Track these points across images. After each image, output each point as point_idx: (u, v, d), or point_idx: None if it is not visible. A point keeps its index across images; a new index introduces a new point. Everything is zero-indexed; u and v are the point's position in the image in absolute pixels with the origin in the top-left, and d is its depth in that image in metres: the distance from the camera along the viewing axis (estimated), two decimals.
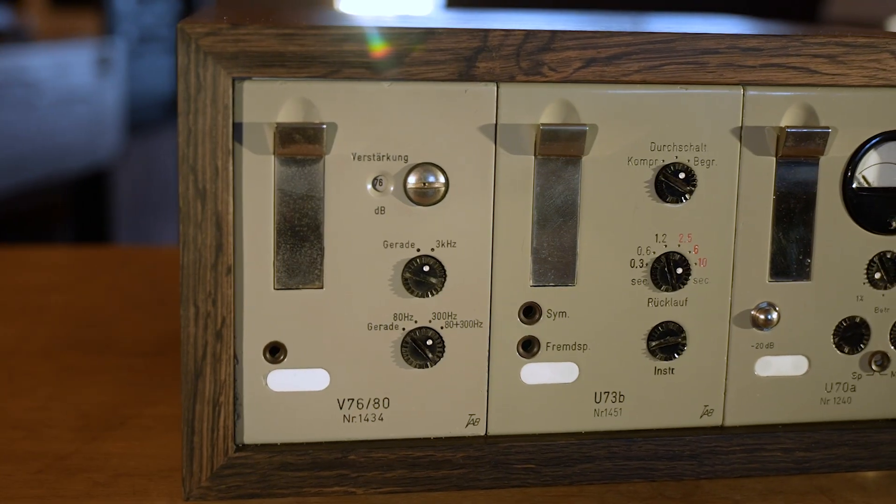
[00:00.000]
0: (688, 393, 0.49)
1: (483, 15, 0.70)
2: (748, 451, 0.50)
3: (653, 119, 0.47)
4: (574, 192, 0.47)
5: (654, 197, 0.48)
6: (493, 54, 0.45)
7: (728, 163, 0.48)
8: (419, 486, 0.48)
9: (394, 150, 0.45)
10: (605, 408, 0.49)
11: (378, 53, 0.44)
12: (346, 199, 0.46)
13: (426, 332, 0.47)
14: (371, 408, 0.47)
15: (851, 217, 0.49)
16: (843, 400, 0.51)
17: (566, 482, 0.49)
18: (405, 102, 0.45)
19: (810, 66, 0.47)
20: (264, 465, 0.46)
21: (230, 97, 0.43)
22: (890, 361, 0.51)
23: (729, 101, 0.47)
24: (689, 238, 0.48)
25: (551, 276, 0.47)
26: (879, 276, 0.50)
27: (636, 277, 0.48)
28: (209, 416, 0.45)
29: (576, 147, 0.46)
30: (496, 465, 0.48)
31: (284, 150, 0.44)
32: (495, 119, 0.46)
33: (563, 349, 0.48)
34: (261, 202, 0.45)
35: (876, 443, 0.51)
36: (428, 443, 0.48)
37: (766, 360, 0.50)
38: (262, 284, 0.46)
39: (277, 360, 0.46)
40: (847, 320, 0.50)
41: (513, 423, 0.48)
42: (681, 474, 0.49)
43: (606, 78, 0.46)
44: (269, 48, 0.43)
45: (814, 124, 0.48)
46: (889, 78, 0.48)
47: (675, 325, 0.49)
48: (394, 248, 0.46)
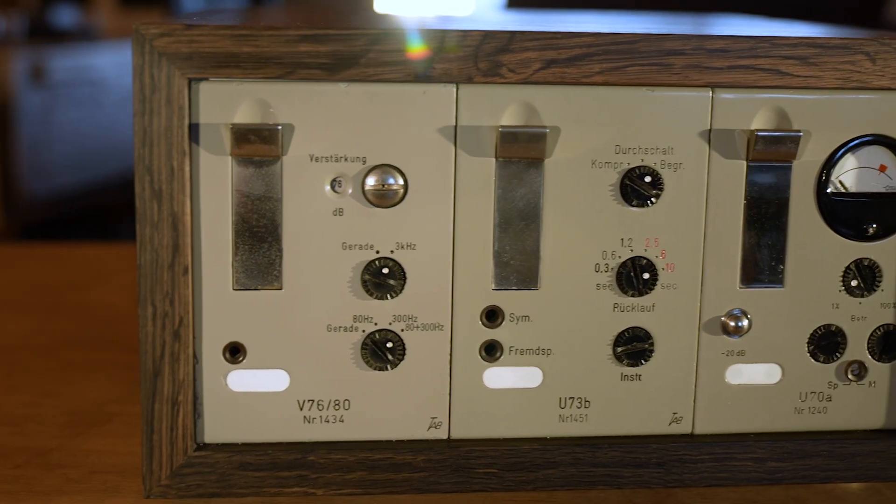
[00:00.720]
0: (655, 400, 0.49)
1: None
2: (718, 460, 0.49)
3: (617, 121, 0.46)
4: (536, 195, 0.46)
5: (619, 201, 0.47)
6: (451, 55, 0.45)
7: (696, 166, 0.47)
8: (379, 489, 0.47)
9: (352, 152, 0.45)
10: (570, 413, 0.48)
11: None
12: (304, 201, 0.46)
13: (386, 334, 0.47)
14: (331, 409, 0.47)
15: (826, 223, 0.48)
16: (818, 410, 0.50)
17: (529, 488, 0.48)
18: (363, 104, 0.45)
19: (780, 68, 0.46)
20: (224, 464, 0.47)
21: (185, 98, 0.44)
22: (867, 371, 0.50)
23: (697, 104, 0.46)
24: (656, 243, 0.47)
25: (514, 279, 0.47)
26: (856, 284, 0.49)
27: (601, 282, 0.47)
28: (168, 414, 0.46)
29: (537, 149, 0.46)
30: (458, 470, 0.48)
31: (240, 151, 0.45)
32: (455, 121, 0.46)
33: (527, 354, 0.48)
34: (218, 203, 0.45)
35: (852, 454, 0.49)
36: (388, 445, 0.48)
37: (738, 367, 0.49)
38: (221, 285, 0.46)
39: (237, 361, 0.46)
40: (822, 328, 0.49)
41: (476, 427, 0.48)
42: (647, 482, 0.49)
43: (567, 79, 0.45)
44: (223, 49, 0.44)
45: (786, 127, 0.47)
46: (864, 80, 0.47)
47: (642, 330, 0.48)
48: (353, 249, 0.46)
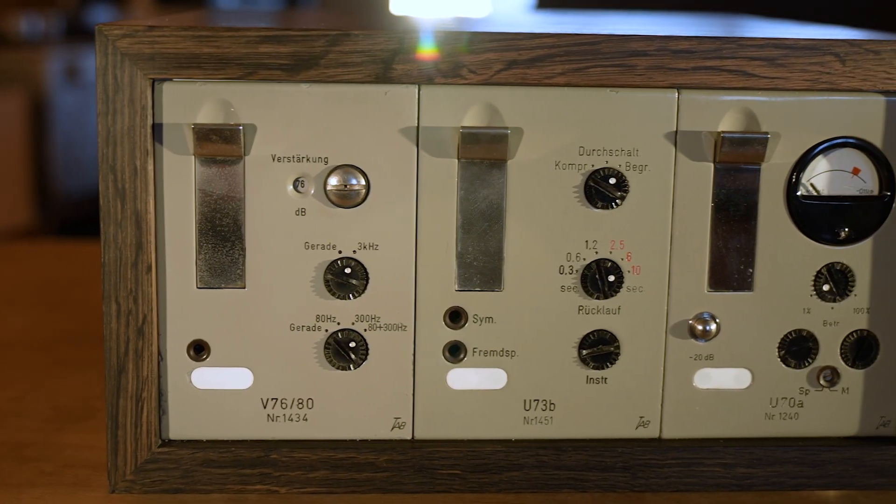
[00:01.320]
0: (622, 403, 0.48)
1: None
2: (685, 465, 0.48)
3: (581, 122, 0.46)
4: (499, 197, 0.46)
5: (583, 202, 0.47)
6: (411, 56, 0.45)
7: (662, 168, 0.47)
8: (342, 488, 0.48)
9: (313, 152, 0.46)
10: (535, 416, 0.48)
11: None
12: (266, 201, 0.46)
13: (349, 334, 0.47)
14: (295, 408, 0.48)
15: (797, 226, 0.48)
16: (790, 416, 0.49)
17: (493, 490, 0.48)
18: (324, 104, 0.45)
19: (747, 69, 0.46)
20: (187, 460, 0.47)
21: (148, 98, 0.44)
22: (840, 377, 0.49)
23: (662, 105, 0.46)
24: (622, 245, 0.47)
25: (477, 280, 0.47)
26: (828, 289, 0.48)
27: (566, 284, 0.47)
28: (132, 410, 0.46)
29: (498, 150, 0.45)
30: (421, 470, 0.48)
31: (202, 151, 0.45)
32: (417, 121, 0.46)
33: (491, 355, 0.48)
34: (182, 202, 0.46)
35: (824, 461, 0.49)
36: (351, 445, 0.48)
37: (706, 372, 0.48)
38: (185, 283, 0.46)
39: (201, 359, 0.47)
40: (793, 333, 0.48)
41: (439, 428, 0.48)
42: (613, 486, 0.48)
43: (529, 80, 0.45)
44: (184, 50, 0.44)
45: (754, 129, 0.46)
46: (834, 82, 0.46)
47: (608, 333, 0.48)
48: (315, 249, 0.46)
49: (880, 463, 0.49)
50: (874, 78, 0.46)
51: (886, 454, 0.49)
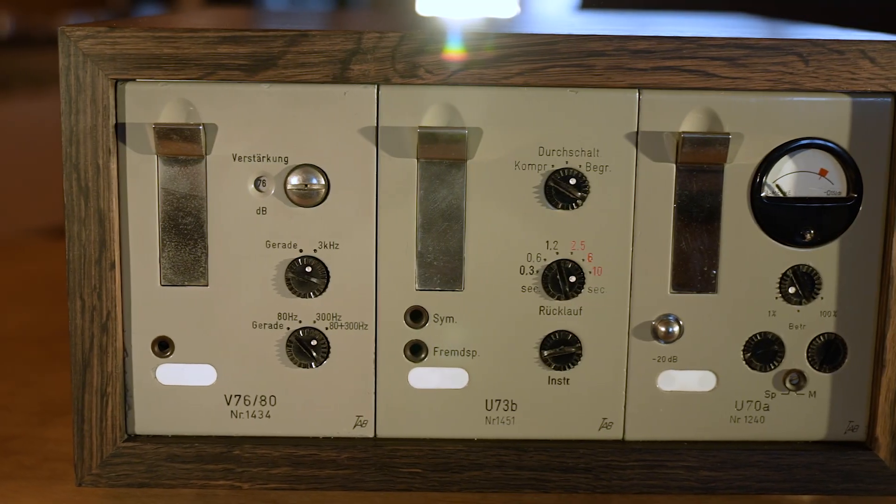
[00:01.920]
0: (584, 404, 0.48)
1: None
2: (648, 467, 0.48)
3: (541, 122, 0.46)
4: (459, 197, 0.47)
5: (543, 203, 0.47)
6: (368, 56, 0.45)
7: (623, 169, 0.46)
8: (304, 485, 0.48)
9: (274, 152, 0.46)
10: (497, 416, 0.48)
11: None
12: (228, 199, 0.46)
13: (311, 332, 0.47)
14: (258, 405, 0.48)
15: (762, 228, 0.47)
16: (756, 419, 0.49)
17: (455, 489, 0.48)
18: (284, 104, 0.46)
19: (707, 70, 0.45)
20: (152, 455, 0.48)
21: (110, 98, 0.45)
22: (807, 381, 0.48)
23: (623, 105, 0.46)
24: (583, 246, 0.47)
25: (437, 280, 0.47)
26: (794, 291, 0.48)
27: (526, 284, 0.47)
28: (97, 405, 0.47)
29: (457, 150, 0.46)
30: (382, 468, 0.48)
31: (164, 151, 0.46)
32: (376, 121, 0.46)
33: (452, 355, 0.48)
34: (145, 200, 0.46)
35: (790, 465, 0.48)
36: (313, 442, 0.48)
37: (670, 374, 0.48)
38: (149, 280, 0.47)
39: (166, 355, 0.48)
40: (758, 336, 0.48)
41: (401, 426, 0.48)
42: (575, 487, 0.48)
43: (486, 80, 0.45)
44: (145, 50, 0.45)
45: (716, 130, 0.46)
46: (797, 82, 0.46)
47: (570, 334, 0.48)
48: (276, 248, 0.47)
49: (848, 468, 0.48)
50: (838, 78, 0.46)
51: (854, 459, 0.48)
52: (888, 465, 0.48)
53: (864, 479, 0.48)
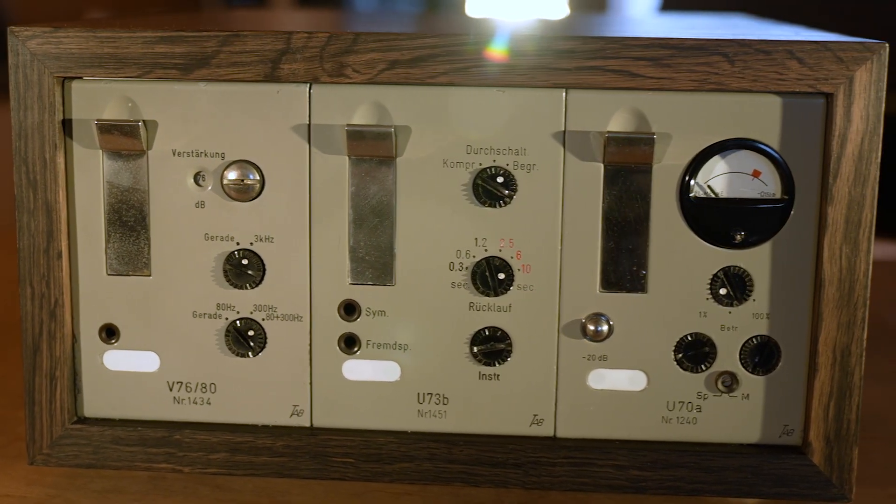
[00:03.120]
0: (515, 400, 0.49)
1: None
2: (577, 464, 0.48)
3: (468, 121, 0.47)
4: (389, 193, 0.48)
5: (472, 200, 0.47)
6: (297, 56, 0.46)
7: (551, 168, 0.47)
8: (241, 470, 0.50)
9: (211, 148, 0.48)
10: (429, 409, 0.49)
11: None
12: (168, 193, 0.48)
13: (248, 322, 0.49)
14: (199, 392, 0.50)
15: (691, 228, 0.47)
16: (688, 420, 0.49)
17: (386, 479, 0.49)
18: (220, 102, 0.47)
19: (631, 70, 0.46)
20: (98, 438, 0.50)
21: (56, 95, 0.47)
22: (739, 383, 0.48)
23: (550, 105, 0.46)
24: (511, 243, 0.48)
25: (369, 275, 0.48)
26: (725, 293, 0.47)
27: (456, 281, 0.48)
28: (47, 388, 0.49)
29: (384, 148, 0.47)
30: (316, 457, 0.49)
31: (107, 146, 0.48)
32: (308, 119, 0.47)
33: (384, 348, 0.49)
34: (91, 193, 0.48)
35: (721, 468, 0.48)
36: (249, 429, 0.50)
37: (600, 372, 0.48)
38: (96, 270, 0.49)
39: (112, 341, 0.50)
40: (690, 337, 0.48)
41: (336, 417, 0.49)
42: (504, 482, 0.49)
43: (412, 80, 0.46)
44: (87, 50, 0.47)
45: (644, 130, 0.46)
46: (722, 82, 0.45)
47: (500, 331, 0.48)
48: (214, 240, 0.48)
49: (781, 472, 0.48)
50: (765, 79, 0.45)
51: (787, 463, 0.48)
52: (822, 471, 0.48)
53: (798, 483, 0.48)
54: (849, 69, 0.45)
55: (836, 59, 0.45)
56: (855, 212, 0.46)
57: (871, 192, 0.46)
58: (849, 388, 0.47)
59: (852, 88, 0.45)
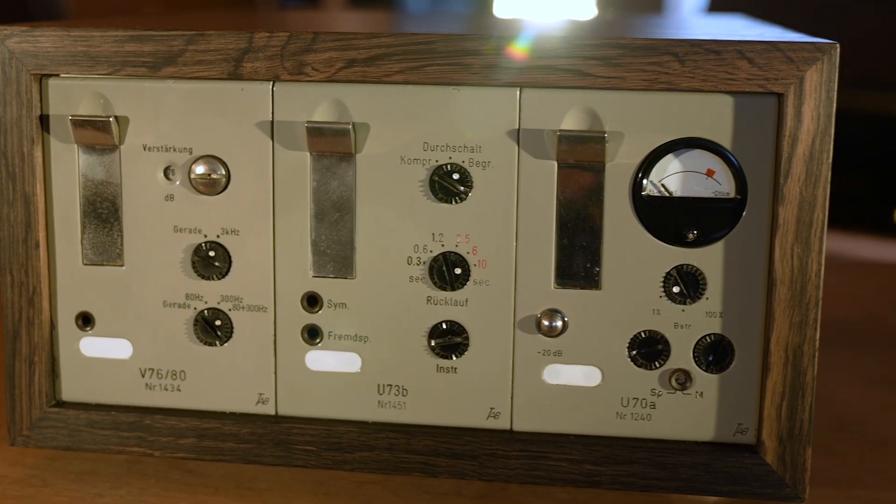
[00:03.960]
0: (472, 393, 0.50)
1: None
2: (532, 458, 0.49)
3: (425, 119, 0.48)
4: (349, 189, 0.49)
5: (429, 196, 0.48)
6: (259, 55, 0.48)
7: (506, 165, 0.48)
8: (209, 455, 0.51)
9: (179, 143, 0.49)
10: (389, 400, 0.50)
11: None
12: (139, 187, 0.50)
13: (215, 312, 0.50)
14: (169, 378, 0.52)
15: (644, 226, 0.48)
16: (642, 417, 0.49)
17: (347, 468, 0.51)
18: (187, 99, 0.49)
19: (582, 69, 0.46)
20: (74, 421, 0.52)
21: (33, 92, 0.49)
22: (693, 381, 0.48)
23: (504, 103, 0.47)
24: (467, 239, 0.48)
25: (330, 268, 0.50)
26: (678, 290, 0.48)
27: (414, 275, 0.49)
28: (26, 373, 0.52)
29: (343, 144, 0.48)
30: (279, 444, 0.51)
31: (81, 140, 0.50)
32: (271, 116, 0.49)
33: (345, 339, 0.50)
34: (67, 186, 0.50)
35: (675, 464, 0.49)
36: (217, 416, 0.51)
37: (555, 367, 0.49)
38: (72, 259, 0.51)
39: (89, 329, 0.52)
40: (644, 334, 0.48)
41: (300, 406, 0.51)
42: (462, 473, 0.50)
43: (369, 78, 0.47)
44: (62, 48, 0.49)
45: (597, 128, 0.47)
46: (673, 82, 0.46)
47: (457, 324, 0.49)
48: (183, 233, 0.50)
49: (734, 470, 0.48)
50: (715, 78, 0.46)
51: (740, 461, 0.48)
52: (775, 470, 0.48)
53: (751, 482, 0.48)
54: (799, 69, 0.45)
55: (787, 59, 0.45)
56: (806, 212, 0.46)
57: (823, 192, 0.46)
58: (801, 388, 0.47)
59: (803, 88, 0.45)
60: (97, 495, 0.51)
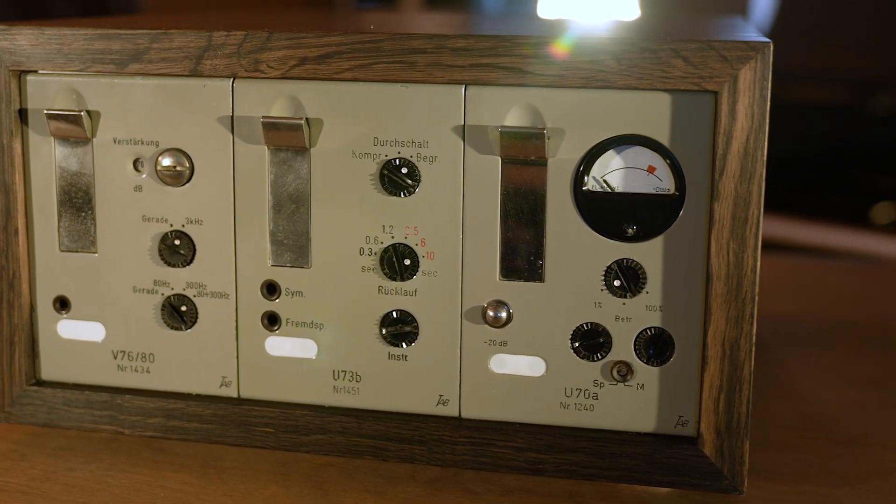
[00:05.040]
0: (422, 381, 0.51)
1: None
2: (477, 444, 0.51)
3: (374, 115, 0.50)
4: (304, 182, 0.51)
5: (379, 190, 0.50)
6: (217, 53, 0.50)
7: (451, 160, 0.49)
8: (175, 435, 0.54)
9: (147, 137, 0.52)
10: (343, 386, 0.52)
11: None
12: (110, 178, 0.53)
13: (181, 298, 0.53)
14: (139, 361, 0.54)
15: (585, 221, 0.49)
16: (585, 407, 0.50)
17: (302, 450, 0.53)
18: (154, 95, 0.51)
19: (522, 67, 0.48)
20: (51, 399, 0.55)
21: (13, 87, 0.52)
22: (634, 373, 0.49)
23: (450, 100, 0.49)
24: (416, 231, 0.50)
25: (288, 257, 0.52)
26: (619, 284, 0.49)
27: (366, 265, 0.51)
28: (7, 352, 0.55)
29: (297, 139, 0.50)
30: (240, 425, 0.53)
31: (56, 133, 0.52)
32: (231, 111, 0.51)
33: (302, 326, 0.52)
34: (45, 176, 0.53)
35: (615, 454, 0.50)
36: (183, 397, 0.54)
37: (501, 357, 0.50)
38: (50, 246, 0.54)
39: (65, 312, 0.54)
40: (586, 326, 0.49)
41: (260, 389, 0.53)
42: (411, 458, 0.52)
43: (320, 75, 0.49)
44: (37, 46, 0.52)
45: (539, 125, 0.48)
46: (609, 80, 0.47)
47: (407, 314, 0.51)
48: (151, 222, 0.53)
49: (674, 461, 0.49)
50: (650, 77, 0.47)
51: (679, 452, 0.49)
52: (714, 462, 0.49)
53: (690, 473, 0.49)
54: (733, 68, 0.46)
55: (721, 57, 0.46)
56: (741, 208, 0.47)
57: (758, 188, 0.46)
58: (738, 381, 0.48)
59: (737, 87, 0.46)
60: (69, 469, 0.53)
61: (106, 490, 0.52)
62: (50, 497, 0.51)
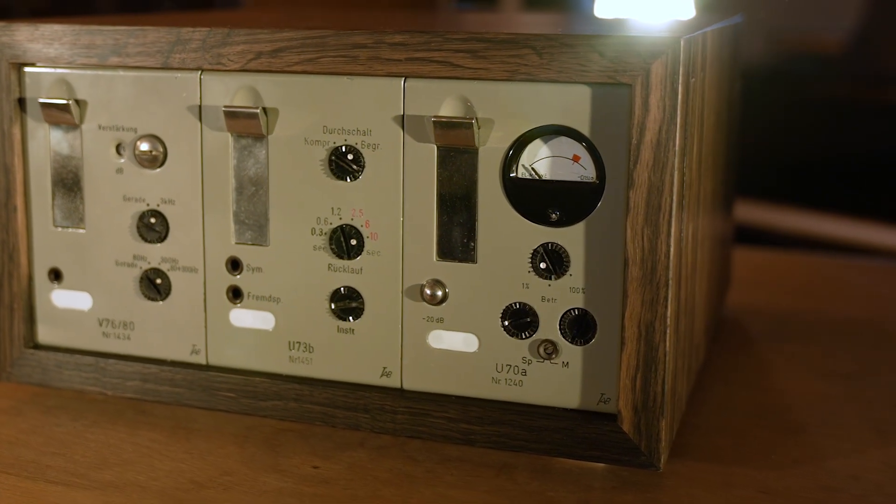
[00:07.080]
0: (368, 353, 0.55)
1: None
2: (415, 414, 0.54)
3: (323, 105, 0.54)
4: (263, 166, 0.55)
5: (328, 174, 0.54)
6: (185, 47, 0.55)
7: (392, 148, 0.53)
8: (150, 397, 0.59)
9: (127, 124, 0.57)
10: (298, 356, 0.56)
11: None
12: (96, 161, 0.58)
13: (157, 272, 0.58)
14: (121, 328, 0.59)
15: (513, 206, 0.52)
16: (515, 382, 0.53)
17: (260, 414, 0.57)
18: (132, 85, 0.56)
19: (452, 61, 0.51)
20: (44, 361, 0.60)
21: (11, 78, 0.58)
22: (559, 352, 0.52)
23: (390, 91, 0.53)
24: (361, 213, 0.54)
25: (249, 235, 0.56)
26: (545, 266, 0.52)
27: (317, 244, 0.55)
28: (7, 318, 0.60)
29: (254, 126, 0.54)
30: (206, 390, 0.58)
31: (49, 120, 0.58)
32: (199, 101, 0.56)
33: (262, 300, 0.56)
34: (41, 159, 0.59)
35: (540, 428, 0.53)
36: (157, 363, 0.59)
37: (438, 333, 0.54)
38: (45, 222, 0.59)
39: (58, 283, 0.60)
40: (515, 305, 0.53)
41: (225, 357, 0.58)
42: (357, 425, 0.55)
43: (273, 68, 0.54)
44: (33, 41, 0.57)
45: (471, 115, 0.51)
46: (532, 73, 0.50)
47: (354, 290, 0.55)
48: (130, 201, 0.58)
49: (594, 436, 0.52)
50: (569, 70, 0.49)
51: (600, 429, 0.52)
52: (631, 438, 0.51)
53: (610, 449, 0.52)
54: (645, 62, 0.48)
55: (634, 52, 0.48)
56: (655, 196, 0.49)
57: (670, 177, 0.49)
58: (654, 362, 0.50)
59: (649, 80, 0.48)
60: (56, 425, 0.59)
61: (82, 444, 0.57)
62: (31, 447, 0.56)
